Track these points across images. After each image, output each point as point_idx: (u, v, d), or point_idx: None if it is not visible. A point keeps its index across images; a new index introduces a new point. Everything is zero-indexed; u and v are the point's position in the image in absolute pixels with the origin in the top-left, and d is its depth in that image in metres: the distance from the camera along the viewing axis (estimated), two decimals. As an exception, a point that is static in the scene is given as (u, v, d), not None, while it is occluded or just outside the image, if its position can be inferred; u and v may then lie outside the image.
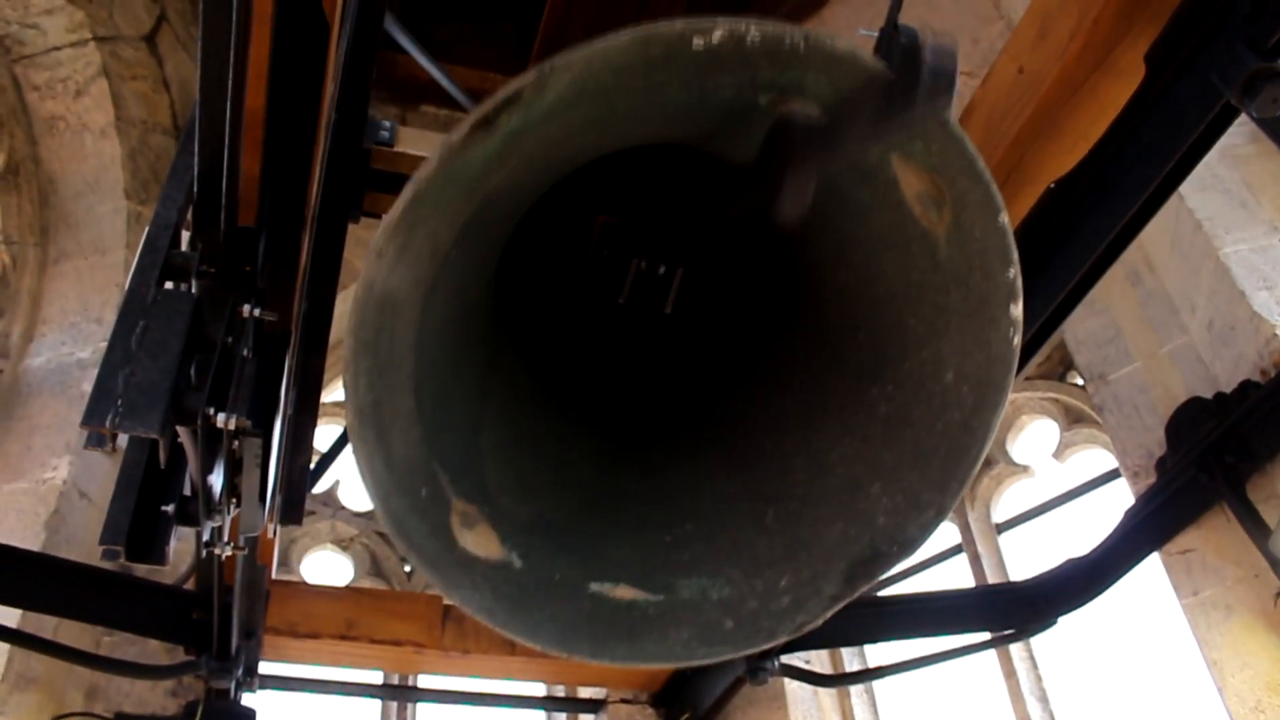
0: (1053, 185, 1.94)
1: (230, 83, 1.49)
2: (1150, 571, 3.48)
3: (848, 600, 1.33)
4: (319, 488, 5.13)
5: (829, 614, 1.33)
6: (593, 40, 1.05)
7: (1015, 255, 1.20)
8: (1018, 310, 1.20)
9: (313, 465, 2.13)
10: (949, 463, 1.28)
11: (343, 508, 5.76)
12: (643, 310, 1.59)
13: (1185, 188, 2.89)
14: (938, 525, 1.33)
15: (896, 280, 1.29)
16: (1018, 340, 1.20)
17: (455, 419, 1.34)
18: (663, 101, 1.18)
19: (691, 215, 1.58)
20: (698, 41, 1.08)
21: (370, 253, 1.11)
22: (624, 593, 1.35)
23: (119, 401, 1.49)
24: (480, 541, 1.32)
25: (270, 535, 2.02)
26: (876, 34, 1.99)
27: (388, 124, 2.11)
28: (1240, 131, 3.29)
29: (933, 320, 1.26)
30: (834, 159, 1.18)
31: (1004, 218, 1.19)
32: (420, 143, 2.08)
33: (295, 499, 1.83)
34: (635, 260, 1.56)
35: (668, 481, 1.46)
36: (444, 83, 2.41)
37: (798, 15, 5.85)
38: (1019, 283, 1.21)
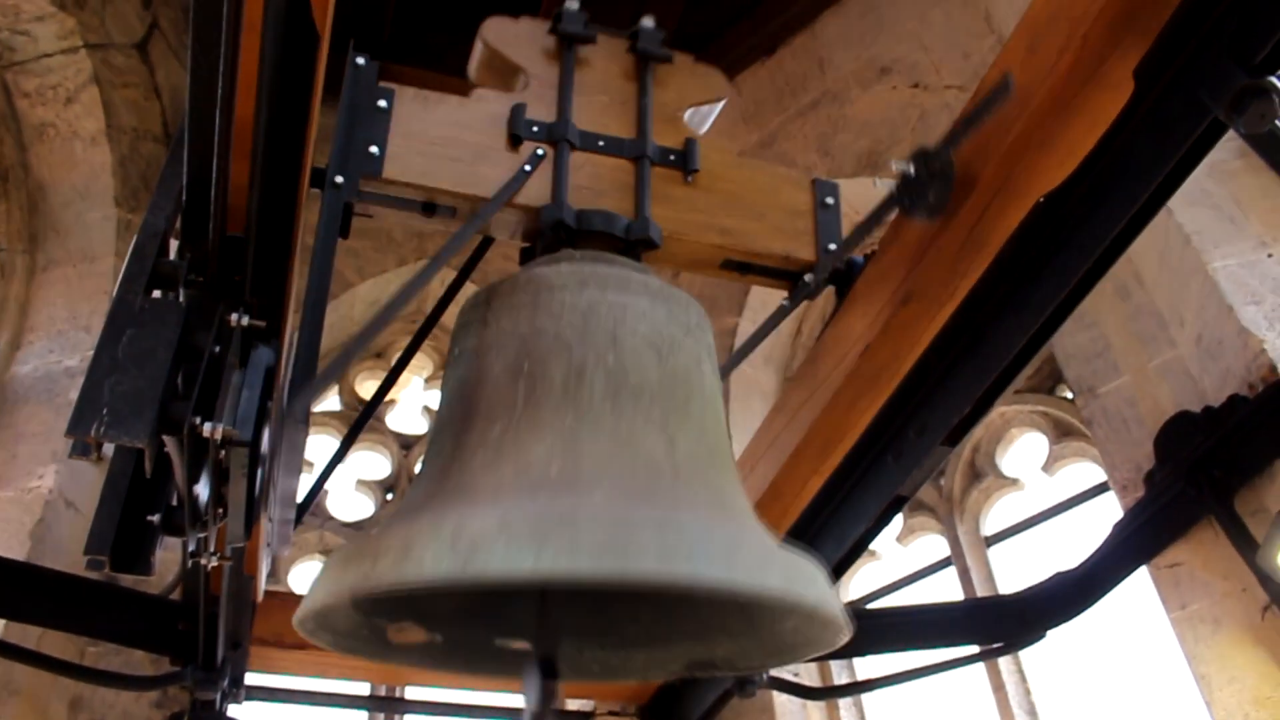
0: (1042, 199, 1.94)
1: (220, 91, 1.49)
2: (1139, 585, 3.49)
3: (685, 676, 1.80)
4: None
5: (670, 679, 1.73)
6: (487, 546, 1.23)
7: (848, 629, 1.51)
8: (846, 637, 1.52)
9: (299, 497, 2.13)
10: (775, 655, 1.68)
11: (331, 518, 5.75)
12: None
13: (1174, 202, 2.90)
14: (761, 672, 1.78)
15: None
16: (844, 641, 1.53)
17: (391, 597, 1.63)
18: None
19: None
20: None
21: (300, 608, 1.42)
22: (520, 645, 1.75)
23: (105, 411, 1.49)
24: (409, 636, 1.68)
25: (264, 573, 2.02)
26: (909, 165, 2.00)
27: (381, 106, 2.11)
28: (1229, 147, 3.31)
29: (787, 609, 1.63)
30: None
31: (844, 619, 1.47)
32: (410, 167, 2.07)
33: (282, 536, 1.83)
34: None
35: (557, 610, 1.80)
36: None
37: (791, 28, 5.88)
38: (850, 628, 1.51)
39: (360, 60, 2.12)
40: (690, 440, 1.59)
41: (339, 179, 1.99)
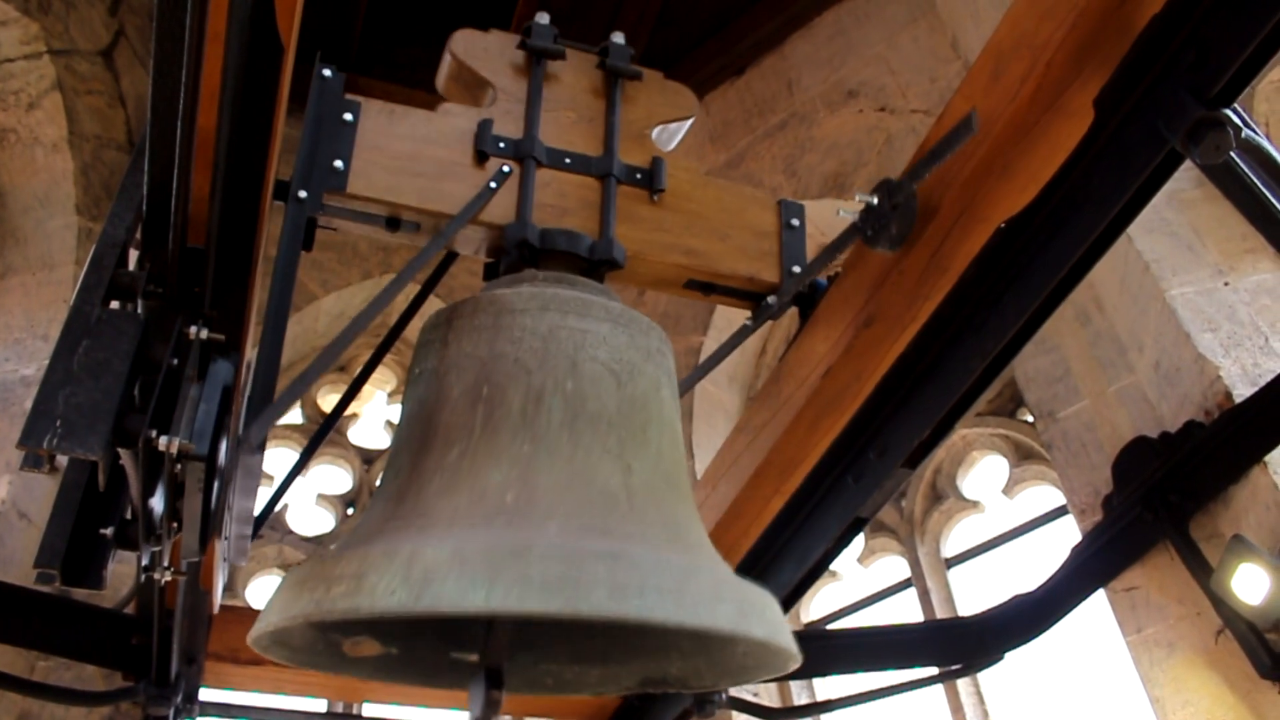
0: (1003, 224, 1.96)
1: (182, 101, 1.47)
2: (1096, 608, 3.52)
3: (639, 692, 1.81)
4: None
5: (624, 693, 1.93)
6: (433, 579, 1.25)
7: (798, 659, 1.52)
8: (796, 665, 1.53)
9: (257, 508, 2.10)
10: (727, 675, 1.70)
11: (290, 532, 5.69)
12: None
13: (1134, 230, 2.94)
14: (717, 692, 1.87)
15: None
16: (794, 667, 1.54)
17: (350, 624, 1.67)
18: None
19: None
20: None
21: (255, 628, 1.42)
22: (475, 658, 1.74)
23: (58, 422, 1.47)
24: (365, 649, 1.68)
25: (219, 588, 2.00)
26: (873, 197, 2.02)
27: (347, 119, 2.09)
28: (1187, 176, 3.37)
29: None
30: None
31: (795, 651, 1.49)
32: (376, 182, 2.06)
33: (239, 545, 1.81)
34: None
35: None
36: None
37: (760, 49, 5.92)
38: (799, 657, 1.53)
39: (326, 72, 2.11)
40: (647, 468, 1.60)
41: (302, 193, 1.97)
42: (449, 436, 1.58)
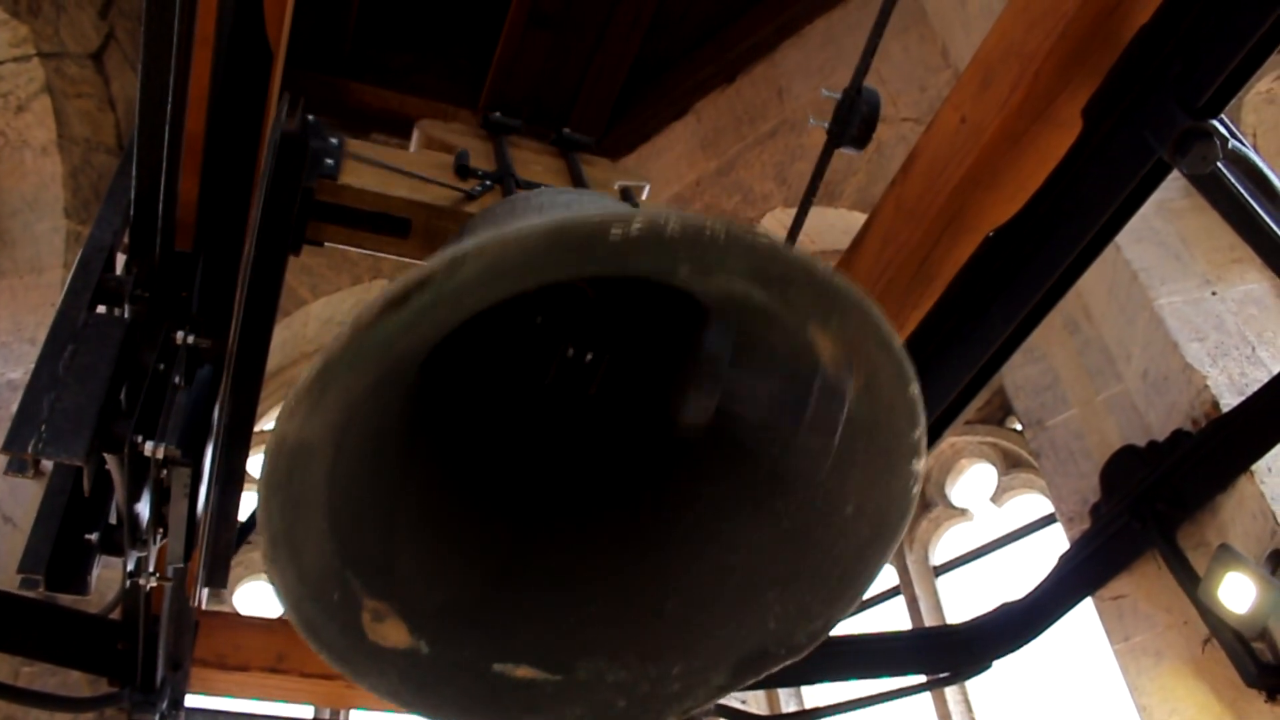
0: (992, 233, 1.97)
1: (170, 105, 1.47)
2: (1084, 616, 3.52)
3: (732, 690, 1.45)
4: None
5: (714, 701, 1.45)
6: (507, 225, 1.08)
7: (922, 419, 1.26)
8: (919, 465, 1.27)
9: (242, 517, 2.09)
10: (841, 583, 1.40)
11: (278, 537, 5.67)
12: (567, 395, 1.63)
13: (1122, 239, 2.94)
14: (825, 635, 1.45)
15: (809, 420, 1.36)
16: (916, 489, 1.28)
17: (369, 528, 1.39)
18: (582, 271, 1.21)
19: (620, 309, 1.63)
20: (615, 232, 1.08)
21: (283, 411, 1.14)
22: (524, 672, 1.43)
23: (43, 427, 1.46)
24: (389, 633, 1.38)
25: (198, 602, 1.99)
26: (839, 95, 2.04)
27: (333, 141, 2.09)
28: (1175, 186, 3.37)
29: (839, 461, 1.34)
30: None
31: (914, 388, 1.24)
32: (365, 175, 2.06)
33: (221, 562, 1.79)
34: (563, 347, 1.60)
35: (577, 564, 1.52)
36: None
37: (751, 56, 5.92)
38: (924, 442, 1.27)
39: (310, 118, 2.13)
40: None
41: (311, 117, 1.96)
42: None
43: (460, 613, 1.46)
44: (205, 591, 1.88)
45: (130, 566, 1.95)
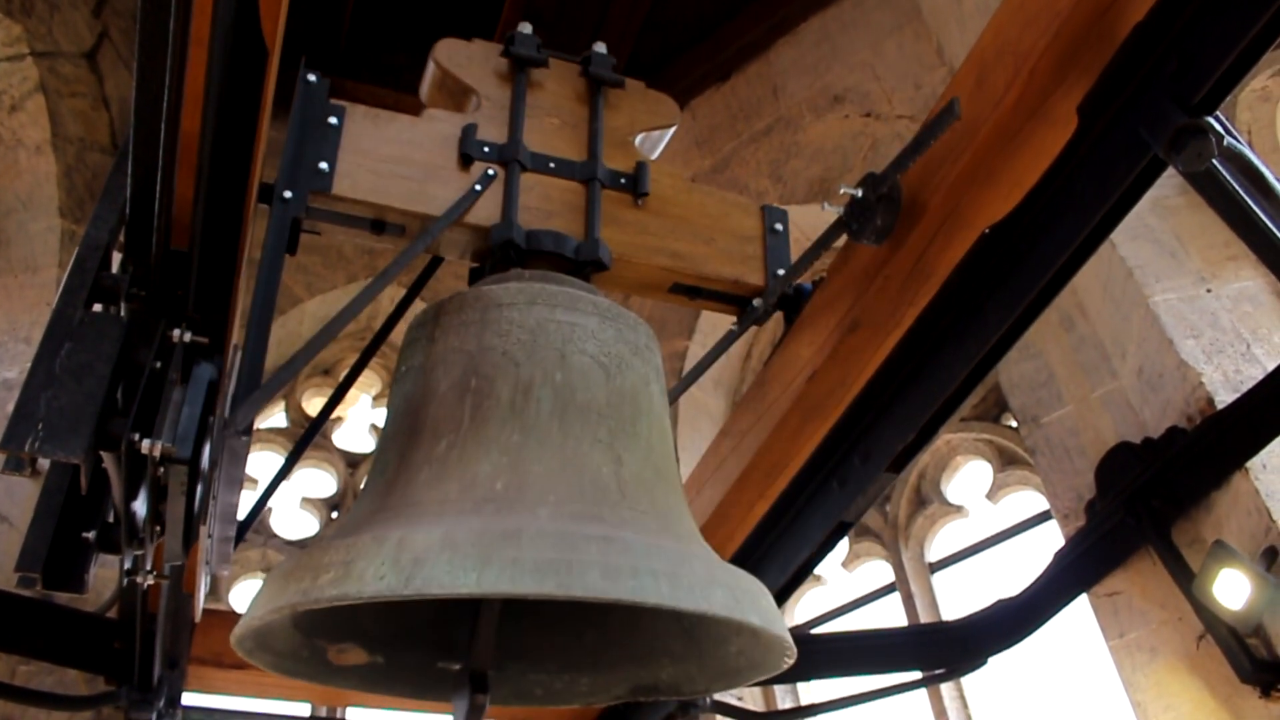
0: (988, 230, 1.97)
1: (166, 103, 1.47)
2: (1079, 613, 3.53)
3: (629, 700, 1.80)
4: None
5: (612, 704, 1.88)
6: (422, 568, 1.24)
7: (793, 650, 1.56)
8: (791, 659, 1.56)
9: (242, 514, 2.09)
10: (719, 678, 1.70)
11: (274, 535, 5.67)
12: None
13: (1117, 236, 2.95)
14: (707, 694, 2.01)
15: None
16: (789, 665, 1.56)
17: (332, 618, 1.66)
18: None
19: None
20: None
21: (241, 624, 1.43)
22: (462, 667, 1.71)
23: (40, 425, 1.46)
24: (350, 657, 1.68)
25: (202, 592, 1.99)
26: (858, 192, 2.03)
27: (333, 121, 2.09)
28: (1171, 183, 3.38)
29: (731, 629, 1.68)
30: None
31: (789, 642, 1.53)
32: (361, 186, 2.06)
33: (221, 554, 1.80)
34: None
35: (517, 602, 1.79)
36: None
37: (746, 54, 5.93)
38: (794, 650, 1.56)
39: (311, 77, 2.11)
40: (637, 459, 1.59)
41: (287, 194, 1.97)
42: (437, 429, 1.57)
43: (412, 635, 1.76)
44: (204, 591, 1.88)
45: (127, 565, 1.95)
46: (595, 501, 1.47)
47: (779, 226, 2.37)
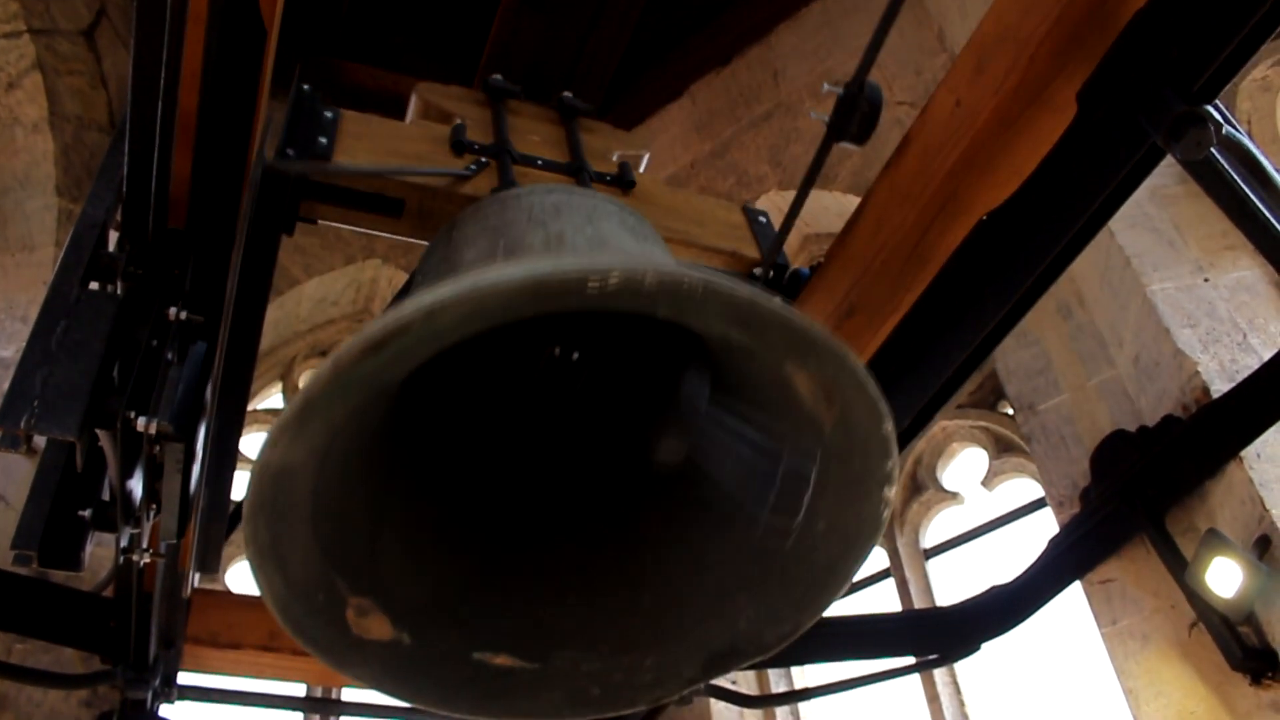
0: (986, 217, 1.97)
1: (163, 82, 1.47)
2: (1072, 600, 3.54)
3: (703, 681, 1.51)
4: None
5: (685, 692, 1.51)
6: (484, 269, 1.07)
7: (894, 452, 1.29)
8: (890, 492, 1.31)
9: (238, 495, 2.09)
10: (810, 592, 1.45)
11: (270, 517, 5.67)
12: (553, 393, 1.63)
13: (1115, 224, 2.95)
14: (794, 637, 1.50)
15: (785, 440, 1.40)
16: (886, 513, 1.32)
17: (353, 533, 1.42)
18: (561, 309, 1.21)
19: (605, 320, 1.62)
20: (593, 285, 1.09)
21: (266, 441, 1.17)
22: (503, 660, 1.48)
23: (35, 402, 1.46)
24: (372, 627, 1.42)
25: (188, 590, 1.99)
26: (841, 90, 2.03)
27: (329, 115, 2.09)
28: (1170, 172, 3.38)
29: (815, 484, 1.38)
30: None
31: (888, 425, 1.26)
32: (359, 156, 2.06)
33: (213, 547, 1.79)
34: (549, 346, 1.60)
35: (557, 562, 1.55)
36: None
37: (746, 39, 5.91)
38: (895, 471, 1.31)
39: (305, 87, 2.12)
40: None
41: (290, 150, 1.95)
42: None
43: (442, 606, 1.50)
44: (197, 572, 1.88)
45: (123, 543, 1.95)
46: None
47: (762, 219, 2.40)
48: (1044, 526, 4.42)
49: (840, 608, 5.21)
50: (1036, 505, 4.61)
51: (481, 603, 1.52)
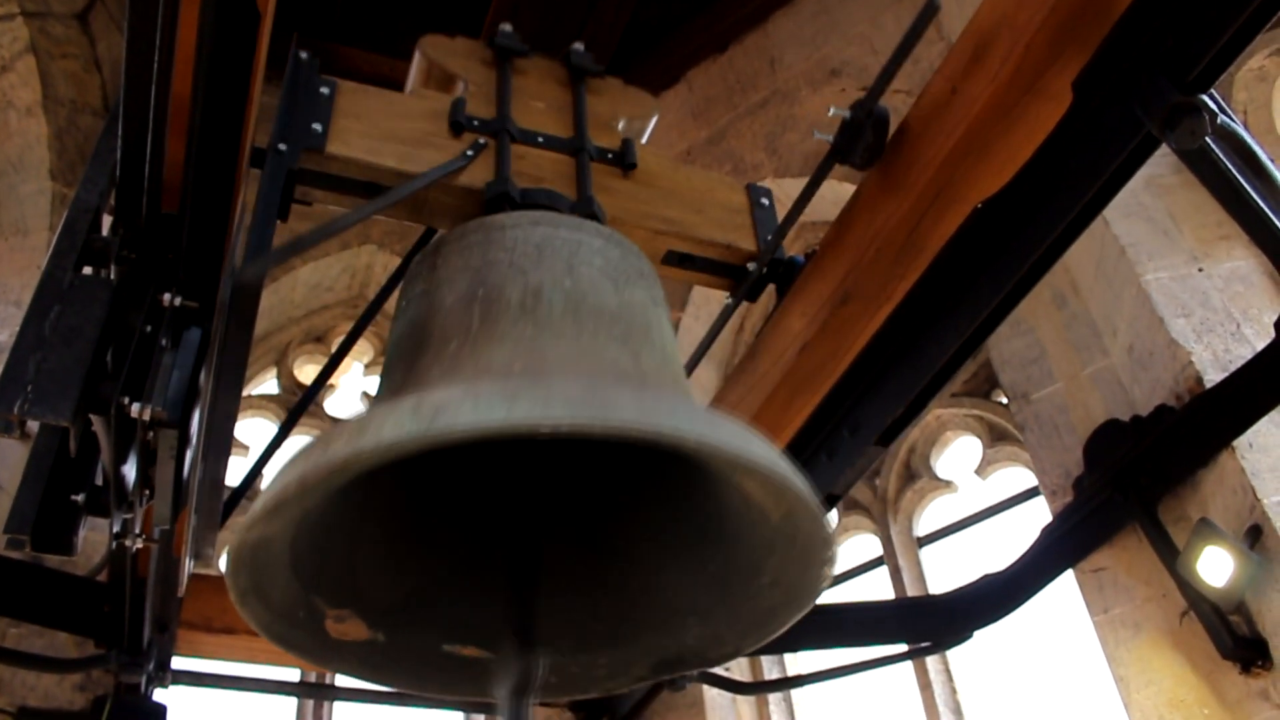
0: (980, 205, 1.97)
1: (157, 65, 1.46)
2: (1064, 588, 3.56)
3: (652, 681, 1.66)
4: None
5: (634, 687, 1.75)
6: (436, 408, 1.11)
7: (833, 542, 1.40)
8: (829, 570, 1.41)
9: (235, 480, 2.09)
10: (752, 628, 1.55)
11: (265, 502, 5.67)
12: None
13: (1110, 214, 2.95)
14: (735, 658, 1.66)
15: (737, 512, 1.50)
16: (826, 583, 1.43)
17: (330, 559, 1.51)
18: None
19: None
20: (544, 430, 1.12)
21: (241, 527, 1.25)
22: (470, 651, 1.61)
23: (29, 388, 1.46)
24: (350, 630, 1.54)
25: (184, 579, 1.99)
26: (848, 113, 2.03)
27: (325, 91, 2.08)
28: (1165, 162, 3.38)
29: (763, 545, 1.48)
30: None
31: (828, 530, 1.37)
32: (354, 145, 2.05)
33: (207, 535, 1.79)
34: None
35: (526, 566, 1.65)
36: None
37: (743, 26, 5.90)
38: (834, 555, 1.41)
39: (303, 54, 2.10)
40: (655, 360, 1.52)
41: (282, 145, 1.95)
42: (445, 335, 1.49)
43: (414, 607, 1.61)
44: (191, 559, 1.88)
45: (117, 528, 1.95)
46: (617, 382, 1.41)
47: (765, 201, 2.38)
48: (1037, 515, 4.43)
49: (833, 595, 5.24)
50: (1030, 494, 4.62)
51: (452, 602, 1.63)
